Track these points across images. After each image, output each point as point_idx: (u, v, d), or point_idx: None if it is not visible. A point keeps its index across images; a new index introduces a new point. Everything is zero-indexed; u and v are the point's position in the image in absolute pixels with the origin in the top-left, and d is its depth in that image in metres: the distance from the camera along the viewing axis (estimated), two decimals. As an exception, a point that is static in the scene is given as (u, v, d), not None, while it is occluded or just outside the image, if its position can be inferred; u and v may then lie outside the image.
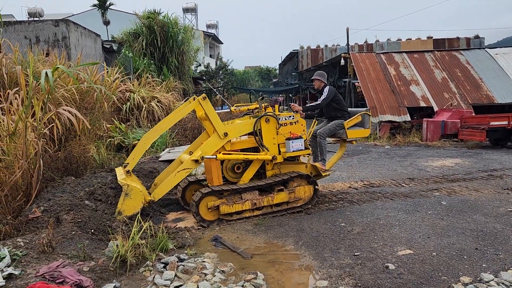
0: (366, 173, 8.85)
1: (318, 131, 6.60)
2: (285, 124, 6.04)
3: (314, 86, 7.02)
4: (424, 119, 14.14)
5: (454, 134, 13.23)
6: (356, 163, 10.23)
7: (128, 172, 5.48)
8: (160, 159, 8.11)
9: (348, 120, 6.61)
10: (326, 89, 6.60)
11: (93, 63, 9.34)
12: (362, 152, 11.84)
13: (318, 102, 6.63)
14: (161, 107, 12.90)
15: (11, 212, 5.35)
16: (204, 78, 29.99)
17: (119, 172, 5.70)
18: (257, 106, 6.28)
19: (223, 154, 5.77)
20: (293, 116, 6.14)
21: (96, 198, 5.46)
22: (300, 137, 5.95)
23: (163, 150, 9.22)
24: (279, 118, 5.98)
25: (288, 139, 5.91)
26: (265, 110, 6.08)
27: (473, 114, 13.72)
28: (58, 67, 6.66)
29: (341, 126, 6.59)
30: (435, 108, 14.86)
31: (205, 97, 5.77)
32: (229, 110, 14.12)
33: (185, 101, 15.98)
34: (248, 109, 6.55)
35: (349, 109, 6.94)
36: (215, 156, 5.63)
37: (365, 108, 7.07)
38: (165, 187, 5.64)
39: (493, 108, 15.28)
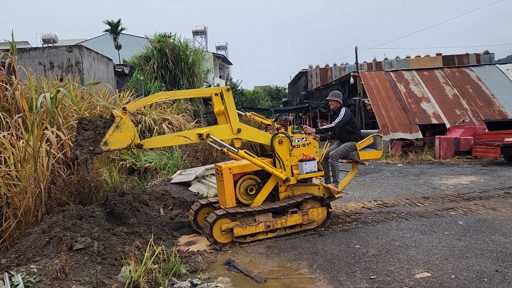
0: (379, 192, 8.74)
1: (331, 153, 6.57)
2: (298, 146, 6.02)
3: (330, 107, 7.02)
4: (436, 136, 13.99)
5: (467, 151, 13.07)
6: (369, 182, 10.13)
7: (124, 109, 5.08)
8: (172, 181, 8.11)
9: (360, 141, 6.58)
10: (342, 112, 6.60)
11: (94, 83, 9.44)
12: (374, 171, 11.72)
13: (332, 125, 6.61)
14: (172, 129, 12.99)
15: (22, 237, 5.39)
16: (214, 99, 30.16)
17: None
18: (270, 123, 6.29)
19: (245, 152, 5.66)
20: (306, 137, 6.12)
21: (83, 127, 5.01)
22: (313, 159, 5.92)
23: (175, 172, 9.22)
24: (292, 140, 5.97)
25: (301, 160, 5.88)
26: (277, 131, 6.07)
27: (486, 131, 13.56)
28: (59, 90, 6.73)
29: (353, 147, 6.57)
30: (447, 125, 14.72)
31: (229, 88, 5.74)
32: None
33: (196, 122, 16.13)
34: (261, 122, 6.53)
35: (361, 131, 6.93)
36: (236, 150, 5.57)
37: (377, 130, 7.03)
38: (159, 141, 5.49)
39: (506, 124, 15.08)
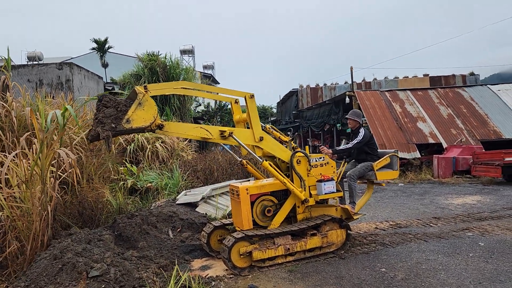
0: (388, 213, 8.58)
1: (348, 173, 6.40)
2: (316, 166, 5.82)
3: (348, 126, 6.89)
4: (434, 155, 14.01)
5: (466, 170, 13.09)
6: (374, 202, 9.97)
7: (145, 88, 4.85)
8: (177, 202, 7.80)
9: (377, 161, 6.44)
10: (361, 132, 6.47)
11: (95, 97, 9.05)
12: (376, 190, 11.57)
13: (350, 145, 6.47)
14: (165, 147, 12.70)
15: (28, 263, 5.02)
16: (204, 117, 30.04)
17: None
18: (287, 140, 6.10)
19: (269, 163, 5.44)
20: (324, 157, 5.93)
21: (104, 105, 4.71)
22: (332, 179, 5.72)
23: (177, 193, 8.92)
24: (311, 159, 5.77)
25: (320, 181, 5.67)
26: (294, 150, 5.88)
27: (484, 150, 13.62)
28: (67, 108, 6.45)
29: (370, 168, 6.42)
30: (444, 145, 14.78)
31: (252, 95, 5.48)
32: (228, 148, 13.94)
33: (188, 141, 15.82)
34: (279, 137, 6.32)
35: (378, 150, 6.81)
36: (262, 160, 5.36)
37: (393, 150, 6.91)
38: (181, 127, 5.22)
39: (500, 144, 15.18)
